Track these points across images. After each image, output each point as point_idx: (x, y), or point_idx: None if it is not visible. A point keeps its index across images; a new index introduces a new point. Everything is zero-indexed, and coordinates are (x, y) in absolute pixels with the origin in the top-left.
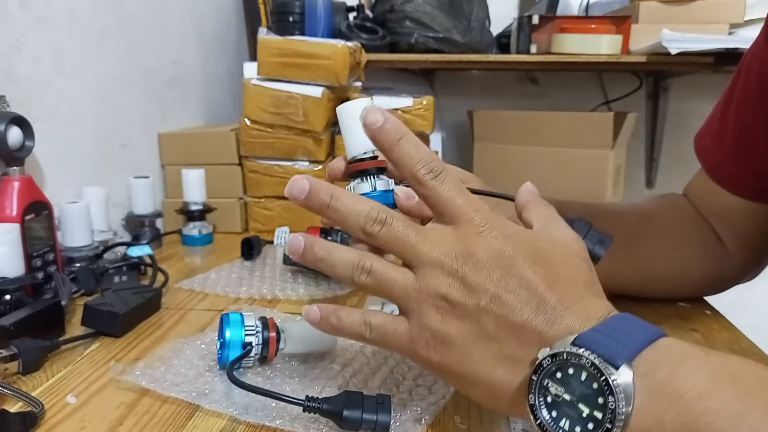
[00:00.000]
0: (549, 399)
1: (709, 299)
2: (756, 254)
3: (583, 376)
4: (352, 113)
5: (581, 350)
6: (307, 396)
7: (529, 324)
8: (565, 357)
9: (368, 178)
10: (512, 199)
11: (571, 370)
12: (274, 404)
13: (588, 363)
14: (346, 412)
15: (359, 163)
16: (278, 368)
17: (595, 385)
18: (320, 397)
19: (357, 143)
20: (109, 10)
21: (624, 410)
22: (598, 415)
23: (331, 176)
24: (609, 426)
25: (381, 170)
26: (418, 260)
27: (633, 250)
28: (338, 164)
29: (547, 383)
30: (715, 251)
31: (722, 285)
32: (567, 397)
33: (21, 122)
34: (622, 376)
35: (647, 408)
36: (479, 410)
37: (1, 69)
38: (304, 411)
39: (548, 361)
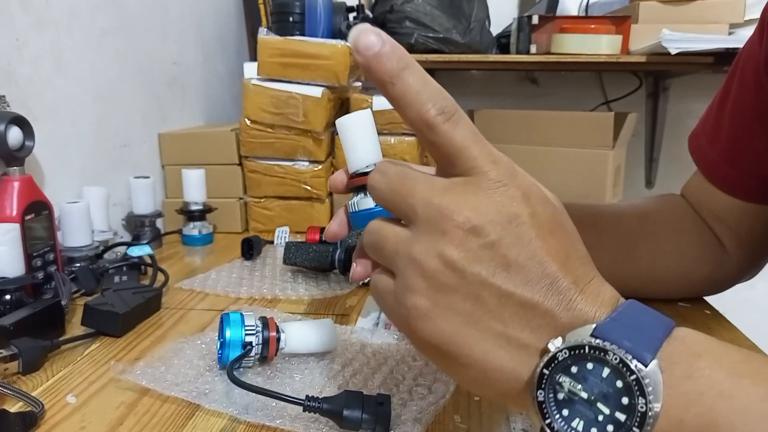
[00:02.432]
0: (561, 396)
1: (709, 299)
2: (754, 254)
3: (605, 373)
4: (351, 126)
5: (606, 344)
6: (307, 396)
7: (540, 305)
8: (586, 351)
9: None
10: None
11: (590, 365)
12: (274, 404)
13: (615, 359)
14: (346, 412)
15: (361, 178)
16: (278, 368)
17: (619, 384)
18: (320, 397)
19: (359, 157)
20: (109, 10)
21: (654, 412)
22: (621, 416)
23: (332, 189)
24: (636, 429)
25: None
26: (414, 212)
27: (633, 251)
28: (340, 177)
29: (561, 378)
30: (714, 252)
31: (722, 285)
32: (584, 395)
33: (21, 122)
34: (652, 374)
35: (666, 407)
36: (479, 410)
37: (1, 69)
38: (304, 411)
39: (564, 353)
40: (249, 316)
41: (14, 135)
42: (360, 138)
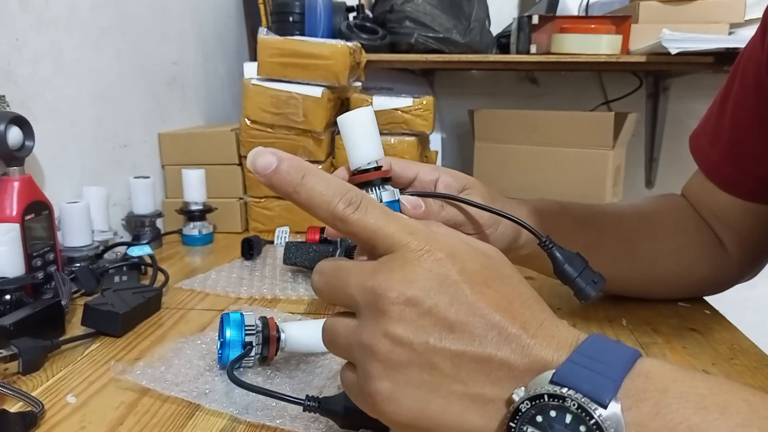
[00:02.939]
0: None
1: (708, 299)
2: (755, 254)
3: (568, 419)
4: (353, 123)
5: (564, 390)
6: (307, 395)
7: (494, 357)
8: (546, 399)
9: (373, 189)
10: (509, 218)
11: (553, 413)
12: (275, 404)
13: (574, 405)
14: (346, 412)
15: (363, 175)
16: (278, 368)
17: (582, 429)
18: (320, 397)
19: (360, 154)
20: (109, 10)
21: None
22: None
23: None
24: None
25: (386, 180)
26: (354, 301)
27: (633, 251)
28: (341, 174)
29: (528, 430)
30: (715, 252)
31: (722, 285)
32: None
33: (21, 122)
34: (612, 416)
35: None
36: None
37: (1, 69)
38: (304, 410)
39: (526, 405)
40: (249, 316)
41: (14, 135)
42: (362, 135)
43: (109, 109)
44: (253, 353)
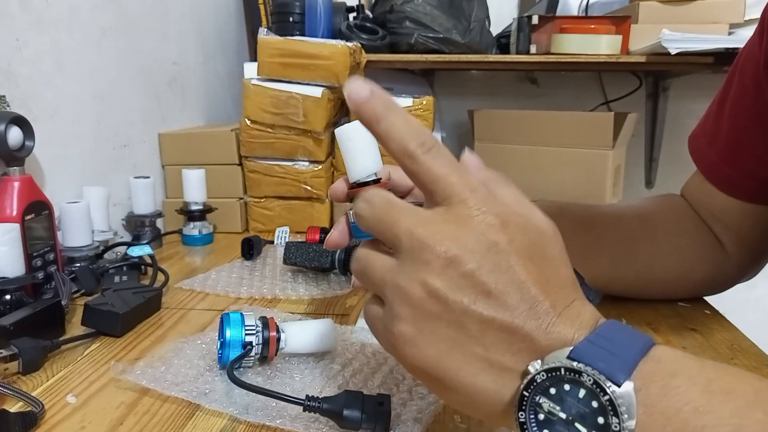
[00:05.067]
0: (541, 416)
1: (708, 299)
2: (754, 254)
3: (581, 394)
4: (351, 136)
5: (581, 365)
6: (307, 396)
7: (521, 329)
8: (562, 372)
9: None
10: None
11: (567, 387)
12: (275, 404)
13: (589, 380)
14: (346, 412)
15: (363, 188)
16: (278, 368)
17: (594, 404)
18: (320, 397)
19: (359, 166)
20: (109, 10)
21: (628, 430)
22: None
23: (332, 198)
24: None
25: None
26: (399, 241)
27: (633, 253)
28: (340, 186)
29: (540, 399)
30: (714, 252)
31: (722, 285)
32: (562, 415)
33: (21, 122)
34: (625, 394)
35: (643, 425)
36: None
37: (1, 69)
38: (304, 411)
39: (542, 376)
40: (249, 316)
41: (14, 135)
42: (360, 148)
43: (109, 109)
44: (253, 353)
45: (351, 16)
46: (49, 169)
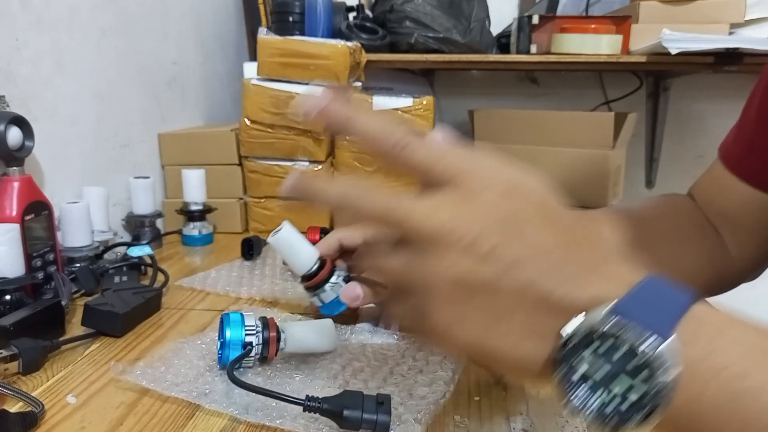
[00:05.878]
0: (578, 376)
1: (708, 299)
2: (760, 254)
3: (622, 351)
4: (284, 241)
5: (623, 321)
6: (307, 396)
7: (554, 294)
8: (604, 330)
9: (329, 285)
10: None
11: (607, 344)
12: (275, 404)
13: (631, 336)
14: (346, 412)
15: (315, 278)
16: (278, 368)
17: (635, 362)
18: (320, 397)
19: (301, 263)
20: (109, 10)
21: (671, 388)
22: (637, 393)
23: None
24: (653, 405)
25: (332, 271)
26: (413, 234)
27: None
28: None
29: (580, 356)
30: (717, 257)
31: (723, 288)
32: (601, 373)
33: (21, 122)
34: (670, 351)
35: (686, 382)
36: (479, 410)
37: (1, 69)
38: (304, 411)
39: (582, 332)
40: (249, 316)
41: (14, 135)
42: (296, 246)
43: (109, 109)
44: (253, 353)
45: (351, 15)
46: (49, 169)
